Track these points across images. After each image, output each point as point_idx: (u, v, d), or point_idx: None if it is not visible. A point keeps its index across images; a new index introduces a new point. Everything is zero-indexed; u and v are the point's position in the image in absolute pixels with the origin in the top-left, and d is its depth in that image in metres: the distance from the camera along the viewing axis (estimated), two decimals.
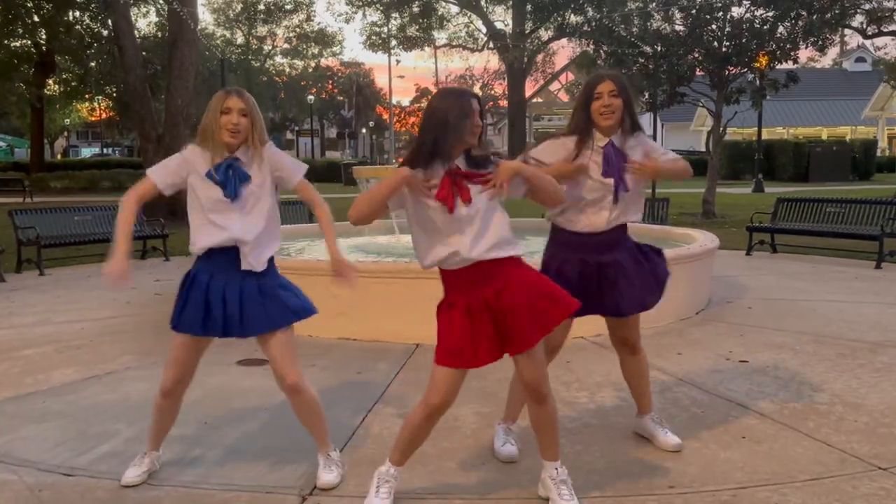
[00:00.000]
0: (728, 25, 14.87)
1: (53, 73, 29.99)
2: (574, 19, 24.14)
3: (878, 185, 26.25)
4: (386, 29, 32.60)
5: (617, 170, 3.11)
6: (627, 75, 15.79)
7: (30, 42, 26.91)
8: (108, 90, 30.84)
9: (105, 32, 25.34)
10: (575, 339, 5.08)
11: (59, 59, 28.73)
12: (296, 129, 61.91)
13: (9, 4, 21.85)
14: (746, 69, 15.23)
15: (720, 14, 15.01)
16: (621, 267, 3.17)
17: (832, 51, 51.13)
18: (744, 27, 14.72)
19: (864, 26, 21.37)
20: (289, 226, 7.29)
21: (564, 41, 29.99)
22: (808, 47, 14.95)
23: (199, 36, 17.39)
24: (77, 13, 25.56)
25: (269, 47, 45.57)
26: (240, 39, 44.67)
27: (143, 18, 31.50)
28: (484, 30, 32.69)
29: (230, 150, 2.88)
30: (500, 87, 44.13)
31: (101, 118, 43.79)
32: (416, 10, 30.88)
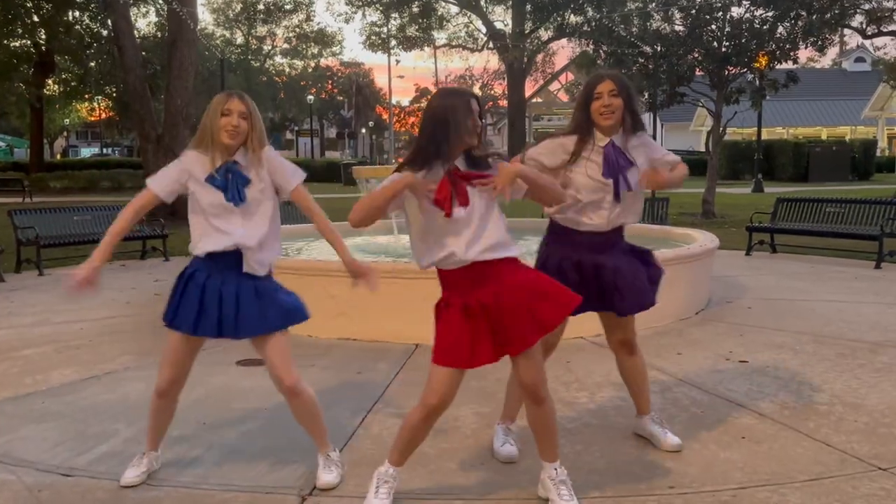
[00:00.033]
0: (728, 25, 14.88)
1: (53, 73, 30.00)
2: (574, 19, 24.14)
3: (878, 185, 26.26)
4: (385, 29, 32.59)
5: (616, 170, 3.10)
6: (627, 75, 15.76)
7: (29, 42, 26.91)
8: (107, 90, 30.87)
9: (105, 32, 25.34)
10: (575, 340, 5.08)
11: (59, 59, 28.75)
12: (295, 129, 61.92)
13: (8, 4, 21.83)
14: (746, 69, 15.24)
15: (720, 14, 15.02)
16: (619, 268, 3.17)
17: (832, 51, 51.25)
18: (743, 27, 14.72)
19: (864, 26, 21.36)
20: (288, 226, 7.28)
21: (564, 41, 30.01)
22: (807, 47, 14.97)
23: (199, 36, 17.39)
24: (76, 13, 25.55)
25: (269, 47, 45.62)
26: (239, 39, 44.70)
27: (142, 18, 31.57)
28: (484, 30, 32.67)
29: (229, 152, 2.87)
30: (499, 87, 44.16)
31: (101, 118, 43.82)
32: (416, 10, 30.85)
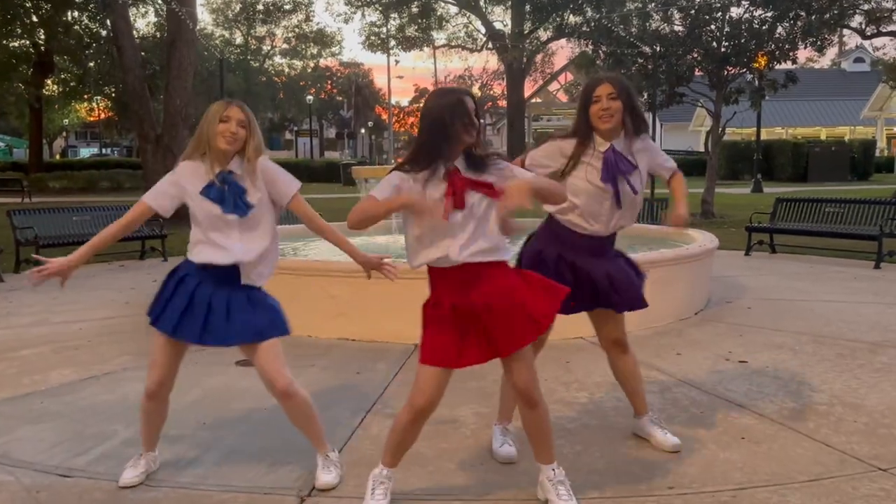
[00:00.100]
0: (727, 26, 14.88)
1: (52, 74, 29.97)
2: (573, 20, 24.15)
3: (877, 185, 26.27)
4: (385, 29, 32.59)
5: (616, 175, 3.08)
6: (626, 75, 15.79)
7: (28, 42, 26.91)
8: (106, 90, 30.84)
9: (104, 32, 25.33)
10: (574, 340, 5.07)
11: (58, 60, 28.73)
12: (295, 129, 61.92)
13: (7, 4, 21.83)
14: (745, 69, 15.24)
15: (719, 14, 15.03)
16: (613, 269, 3.19)
17: (831, 51, 51.26)
18: (743, 27, 14.73)
19: (863, 27, 21.36)
20: (286, 226, 7.27)
21: (563, 41, 29.96)
22: (806, 48, 14.97)
23: (198, 36, 17.37)
24: (76, 13, 25.54)
25: (268, 47, 45.64)
26: (239, 39, 44.72)
27: (141, 19, 31.53)
28: (483, 30, 32.66)
29: (225, 159, 2.86)
30: (499, 88, 44.08)
31: (100, 118, 43.75)
32: (415, 10, 30.86)
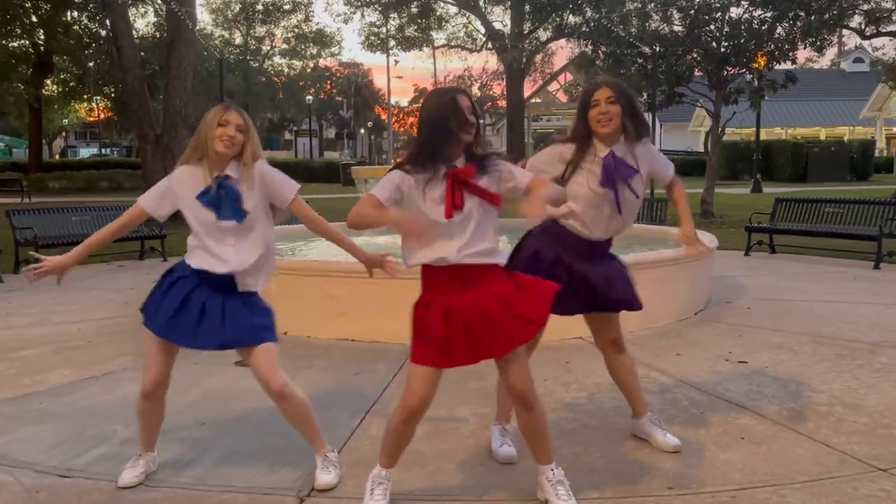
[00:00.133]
0: (726, 26, 14.88)
1: (51, 74, 29.96)
2: (572, 20, 24.12)
3: (876, 185, 26.27)
4: (384, 29, 32.57)
5: (616, 180, 3.07)
6: (626, 76, 15.80)
7: (28, 42, 26.89)
8: (106, 90, 30.86)
9: (103, 33, 25.32)
10: (574, 340, 5.07)
11: (58, 60, 28.72)
12: (294, 129, 61.92)
13: (7, 4, 21.82)
14: (745, 69, 15.24)
15: (718, 14, 15.03)
16: (609, 272, 3.20)
17: (830, 51, 51.25)
18: (742, 28, 14.73)
19: (863, 27, 21.34)
20: (286, 227, 7.27)
21: (563, 41, 29.88)
22: (806, 48, 14.98)
23: (198, 36, 17.37)
24: (75, 13, 25.53)
25: (268, 48, 45.62)
26: (238, 40, 44.70)
27: (141, 19, 31.52)
28: (482, 30, 32.62)
29: (222, 164, 2.86)
30: (498, 88, 44.06)
31: (100, 118, 43.77)
32: (415, 10, 30.84)
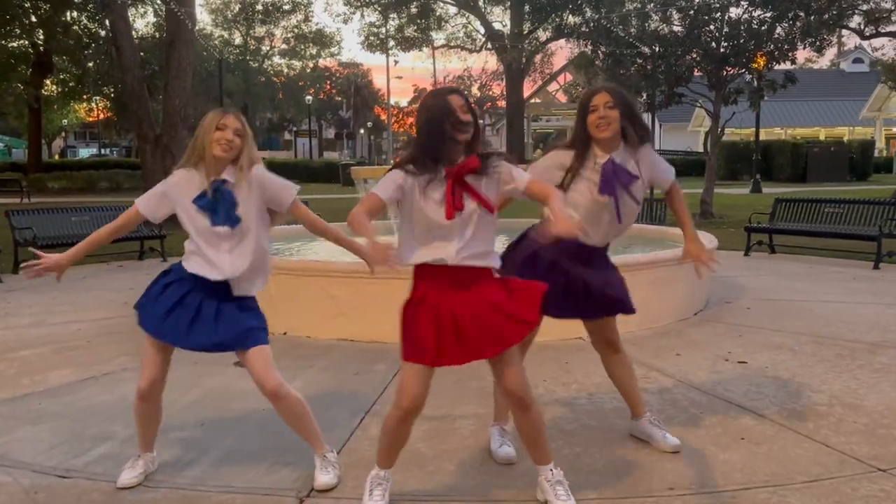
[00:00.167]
0: (726, 26, 14.88)
1: (51, 74, 29.94)
2: (572, 20, 24.15)
3: (876, 185, 26.28)
4: (384, 30, 32.60)
5: (615, 187, 3.07)
6: (625, 76, 15.80)
7: (27, 42, 26.87)
8: (105, 90, 30.84)
9: (103, 33, 25.29)
10: (574, 340, 5.07)
11: (57, 60, 28.69)
12: (294, 129, 61.92)
13: (6, 4, 21.80)
14: (744, 70, 15.24)
15: (718, 15, 15.02)
16: (608, 278, 3.21)
17: (830, 51, 51.19)
18: (742, 28, 14.73)
19: (862, 27, 21.34)
20: (286, 227, 7.27)
21: (562, 42, 29.94)
22: (805, 48, 14.97)
23: (197, 36, 17.35)
24: (75, 13, 25.51)
25: (267, 48, 45.62)
26: (238, 40, 44.71)
27: (140, 19, 31.50)
28: (482, 30, 32.67)
29: (219, 167, 2.86)
30: (498, 88, 44.08)
31: (99, 119, 43.78)
32: (414, 10, 30.86)
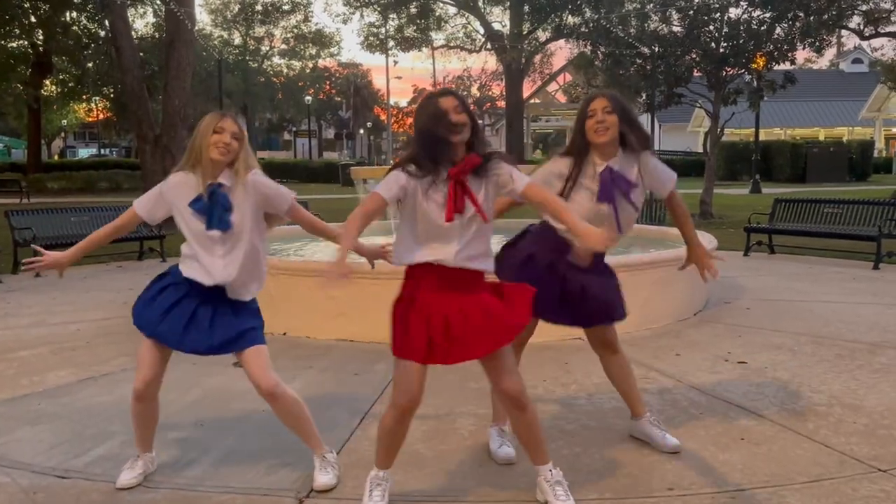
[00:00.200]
0: (725, 26, 14.90)
1: (50, 74, 29.94)
2: (571, 20, 24.13)
3: (875, 185, 26.30)
4: (383, 30, 32.58)
5: (613, 195, 3.06)
6: (625, 76, 15.81)
7: (27, 43, 26.86)
8: (105, 91, 30.82)
9: (102, 33, 25.29)
10: (573, 341, 5.06)
11: (56, 60, 28.69)
12: (293, 129, 61.95)
13: (6, 5, 21.80)
14: (744, 70, 15.25)
15: (718, 15, 15.04)
16: (605, 284, 3.22)
17: (829, 52, 51.17)
18: (741, 28, 14.74)
19: (861, 27, 21.34)
20: (286, 227, 7.25)
21: (562, 42, 29.90)
22: (805, 48, 14.99)
23: (197, 36, 17.37)
24: (74, 14, 25.50)
25: (267, 48, 45.62)
26: (237, 40, 44.72)
27: (140, 19, 31.48)
28: (482, 31, 32.64)
29: (216, 171, 2.86)
30: (497, 88, 44.05)
31: (99, 119, 43.79)
32: (414, 11, 30.84)
